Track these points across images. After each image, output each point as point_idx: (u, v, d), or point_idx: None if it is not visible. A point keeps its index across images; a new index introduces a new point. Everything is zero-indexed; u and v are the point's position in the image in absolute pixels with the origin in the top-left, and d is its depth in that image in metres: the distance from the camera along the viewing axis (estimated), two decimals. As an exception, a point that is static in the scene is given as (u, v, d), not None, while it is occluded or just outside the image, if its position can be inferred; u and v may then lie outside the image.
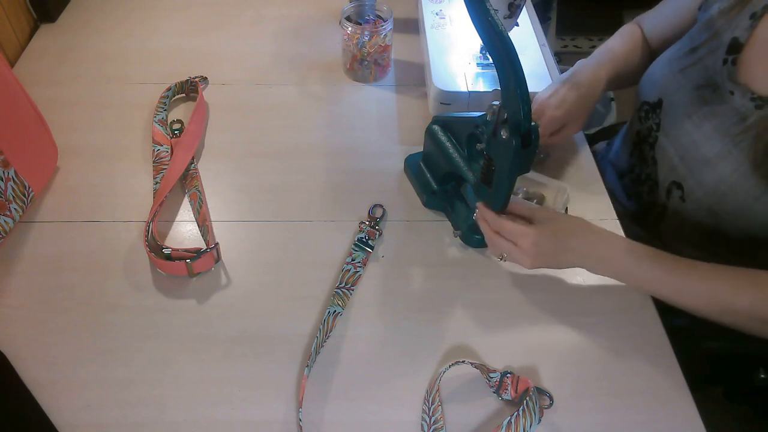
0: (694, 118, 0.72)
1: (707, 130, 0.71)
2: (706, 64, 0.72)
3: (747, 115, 0.67)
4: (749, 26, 0.68)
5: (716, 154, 0.69)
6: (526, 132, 0.56)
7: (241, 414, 0.59)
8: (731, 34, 0.69)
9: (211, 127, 0.88)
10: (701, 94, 0.72)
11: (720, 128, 0.69)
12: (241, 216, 0.76)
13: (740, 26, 0.69)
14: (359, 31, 0.90)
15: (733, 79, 0.68)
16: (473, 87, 0.84)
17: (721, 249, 0.75)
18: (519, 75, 0.52)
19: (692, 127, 0.72)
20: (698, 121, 0.72)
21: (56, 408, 0.58)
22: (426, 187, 0.77)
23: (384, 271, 0.71)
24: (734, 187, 0.68)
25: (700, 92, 0.72)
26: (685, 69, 0.74)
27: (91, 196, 0.77)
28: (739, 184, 0.67)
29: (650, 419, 0.59)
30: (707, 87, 0.71)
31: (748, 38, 0.68)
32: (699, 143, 0.71)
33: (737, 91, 0.68)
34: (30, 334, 0.64)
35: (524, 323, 0.66)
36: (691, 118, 0.72)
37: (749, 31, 0.68)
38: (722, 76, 0.69)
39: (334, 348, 0.64)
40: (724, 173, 0.69)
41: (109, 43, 1.01)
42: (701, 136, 0.71)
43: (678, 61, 0.76)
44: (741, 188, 0.67)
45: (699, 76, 0.72)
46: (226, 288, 0.69)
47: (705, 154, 0.71)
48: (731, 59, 0.69)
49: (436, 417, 0.57)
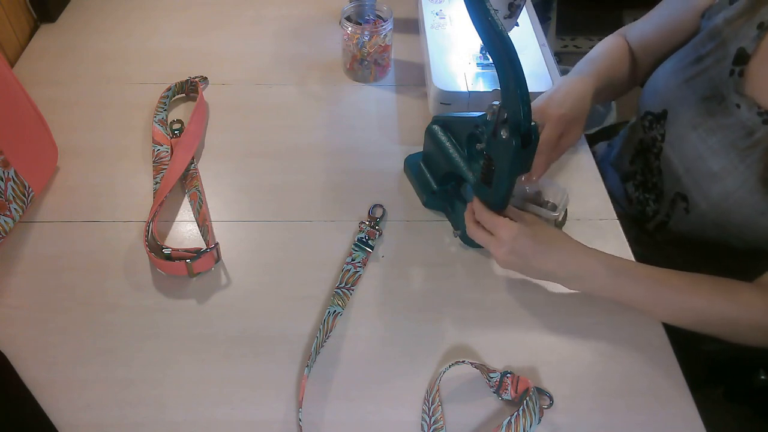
0: (699, 131, 0.71)
1: (713, 143, 0.70)
2: (712, 75, 0.70)
3: (754, 130, 0.66)
4: (756, 36, 0.66)
5: (722, 168, 0.68)
6: (526, 132, 0.56)
7: (241, 414, 0.59)
8: (738, 44, 0.68)
9: (211, 127, 0.88)
10: (707, 106, 0.70)
11: (726, 142, 0.68)
12: (241, 216, 0.76)
13: (747, 36, 0.67)
14: (359, 31, 0.90)
15: (739, 91, 0.67)
16: (473, 87, 0.84)
17: (724, 261, 0.74)
18: (519, 75, 0.52)
19: (698, 140, 0.71)
20: (704, 135, 0.70)
21: (56, 408, 0.58)
22: (426, 187, 0.77)
23: (384, 271, 0.71)
24: (740, 201, 0.67)
25: (705, 104, 0.71)
26: (690, 80, 0.73)
27: (91, 196, 0.77)
28: (745, 199, 0.66)
29: (650, 419, 0.59)
30: (713, 99, 0.70)
31: (756, 49, 0.66)
32: (705, 156, 0.70)
33: (744, 104, 0.66)
34: (30, 334, 0.64)
35: (524, 323, 0.66)
36: (696, 131, 0.71)
37: (756, 42, 0.66)
38: (728, 88, 0.68)
39: (334, 348, 0.64)
40: (730, 187, 0.68)
41: (109, 43, 1.01)
42: (707, 149, 0.70)
43: (683, 71, 0.74)
44: (747, 203, 0.66)
45: (705, 87, 0.71)
46: (226, 288, 0.69)
47: (711, 168, 0.70)
48: (738, 70, 0.67)
49: (436, 417, 0.57)
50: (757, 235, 0.68)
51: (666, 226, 0.80)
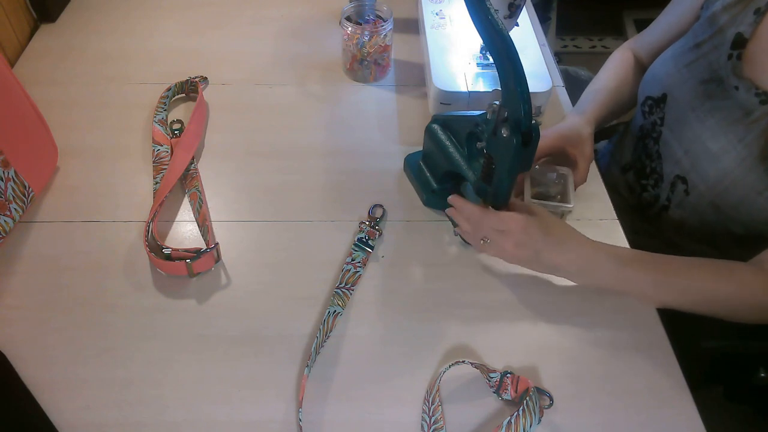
0: (698, 112, 0.72)
1: (711, 124, 0.71)
2: (710, 60, 0.72)
3: (752, 110, 0.67)
4: (753, 21, 0.68)
5: (720, 147, 0.70)
6: (526, 130, 0.56)
7: (241, 414, 0.59)
8: (735, 29, 0.69)
9: (211, 127, 0.88)
10: (706, 88, 0.72)
11: (724, 123, 0.70)
12: (241, 216, 0.76)
13: (744, 22, 0.69)
14: (359, 31, 0.90)
15: (737, 74, 0.69)
16: (473, 87, 0.84)
17: (725, 243, 0.75)
18: (519, 73, 0.52)
19: (696, 121, 0.73)
20: (702, 116, 0.72)
21: (56, 408, 0.58)
22: (426, 186, 0.77)
23: (384, 271, 0.71)
24: (738, 180, 0.68)
25: (704, 87, 0.72)
26: (689, 64, 0.75)
27: (91, 196, 0.77)
28: (743, 178, 0.68)
29: (650, 419, 0.59)
30: (712, 82, 0.71)
31: (753, 33, 0.68)
32: (703, 137, 0.72)
33: (742, 86, 0.68)
34: (30, 334, 0.64)
35: (524, 323, 0.66)
36: (695, 112, 0.73)
37: (753, 27, 0.68)
38: (727, 71, 0.70)
39: (334, 348, 0.64)
40: (728, 167, 0.69)
41: (109, 43, 1.01)
42: (705, 130, 0.72)
43: (682, 56, 0.76)
44: (745, 182, 0.68)
45: (703, 71, 0.73)
46: (226, 288, 0.69)
47: (709, 148, 0.71)
48: (736, 54, 0.69)
49: (436, 417, 0.57)
50: (755, 216, 0.69)
51: (667, 212, 0.81)
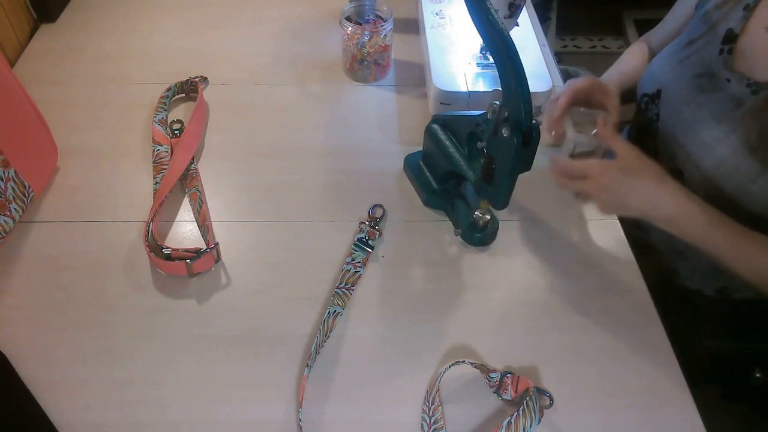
0: (692, 106, 0.74)
1: (705, 115, 0.73)
2: (703, 55, 0.74)
3: (743, 100, 0.69)
4: (743, 17, 0.71)
5: (714, 138, 0.71)
6: (527, 130, 0.56)
7: (241, 414, 0.59)
8: (726, 25, 0.72)
9: (211, 127, 0.88)
10: (699, 83, 0.74)
11: (717, 114, 0.71)
12: (241, 216, 0.76)
13: (735, 18, 0.72)
14: (359, 31, 0.90)
15: (729, 67, 0.71)
16: (473, 87, 0.84)
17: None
18: (520, 73, 0.52)
19: (690, 114, 0.74)
20: (696, 109, 0.74)
21: (56, 408, 0.58)
22: (426, 186, 0.77)
23: (384, 271, 0.71)
24: (732, 169, 0.69)
25: (697, 81, 0.74)
26: (683, 60, 0.77)
27: (91, 196, 0.77)
28: (737, 167, 0.69)
29: (650, 419, 0.59)
30: (704, 76, 0.74)
31: (742, 29, 0.71)
32: (697, 129, 0.73)
33: (733, 78, 0.70)
34: (30, 334, 0.64)
35: (524, 323, 0.66)
36: (689, 106, 0.75)
37: (743, 22, 0.71)
38: (719, 65, 0.72)
39: (334, 348, 0.64)
40: (722, 156, 0.70)
41: (109, 43, 1.01)
42: (699, 121, 0.73)
43: (676, 53, 0.79)
44: (739, 170, 0.69)
45: (696, 66, 0.75)
46: (226, 288, 0.69)
47: (704, 139, 0.72)
48: (727, 49, 0.71)
49: (436, 417, 0.57)
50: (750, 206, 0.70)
51: None
